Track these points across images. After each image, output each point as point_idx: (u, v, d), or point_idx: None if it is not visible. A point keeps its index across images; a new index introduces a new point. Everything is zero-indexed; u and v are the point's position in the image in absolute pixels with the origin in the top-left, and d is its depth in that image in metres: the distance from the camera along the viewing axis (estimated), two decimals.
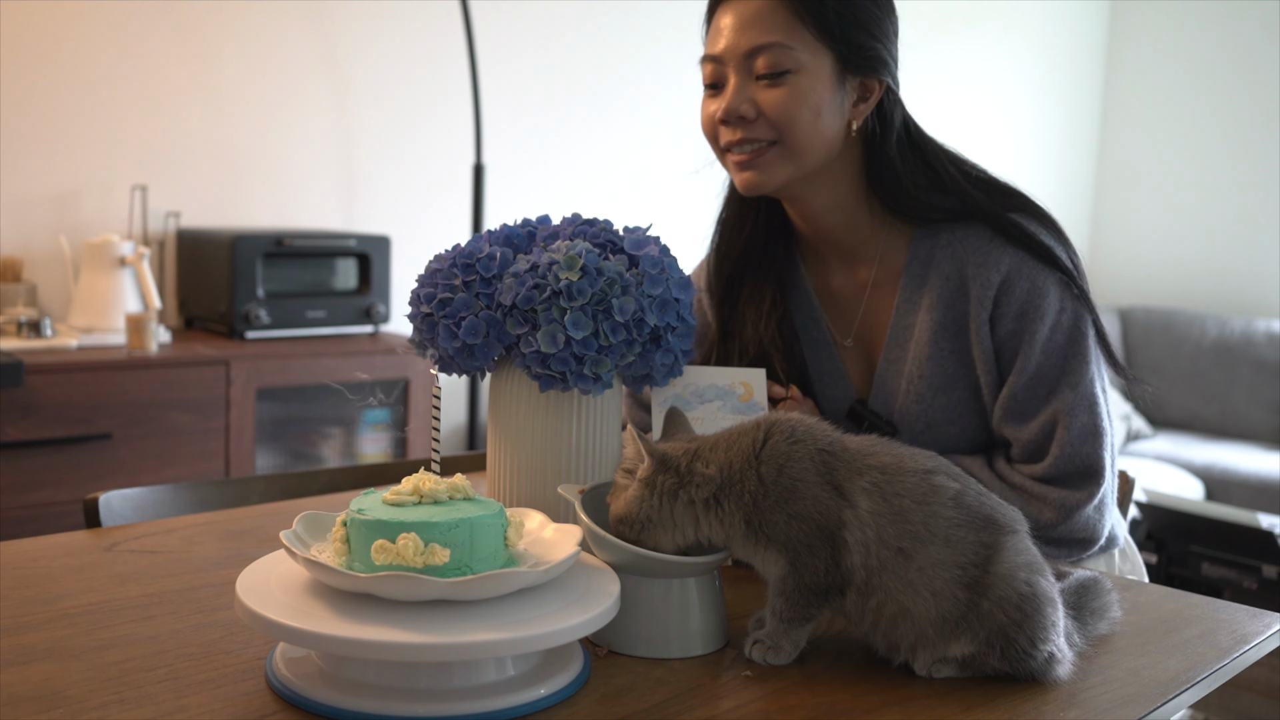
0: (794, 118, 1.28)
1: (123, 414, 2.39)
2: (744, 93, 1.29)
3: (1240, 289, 4.87)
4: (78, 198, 2.75)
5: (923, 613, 0.90)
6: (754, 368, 1.29)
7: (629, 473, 0.97)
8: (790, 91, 1.28)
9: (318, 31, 3.07)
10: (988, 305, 1.30)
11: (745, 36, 1.29)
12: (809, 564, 0.91)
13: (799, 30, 1.28)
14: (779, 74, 1.28)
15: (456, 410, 3.35)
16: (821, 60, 1.29)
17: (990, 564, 0.90)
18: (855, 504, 0.91)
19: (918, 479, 0.92)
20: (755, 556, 0.95)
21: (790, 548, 0.92)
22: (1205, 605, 1.14)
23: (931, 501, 0.91)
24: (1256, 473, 4.10)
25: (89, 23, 2.73)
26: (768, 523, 0.92)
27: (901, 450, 0.95)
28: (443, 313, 1.12)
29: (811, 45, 1.28)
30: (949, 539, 0.90)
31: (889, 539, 0.90)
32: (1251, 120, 4.81)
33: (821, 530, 0.91)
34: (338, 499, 1.42)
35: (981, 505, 0.93)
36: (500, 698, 0.83)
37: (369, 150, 3.20)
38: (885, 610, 0.91)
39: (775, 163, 1.30)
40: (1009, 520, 0.93)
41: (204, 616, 1.00)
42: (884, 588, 0.91)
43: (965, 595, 0.90)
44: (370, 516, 0.86)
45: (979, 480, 1.05)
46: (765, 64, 1.28)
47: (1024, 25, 4.88)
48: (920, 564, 0.90)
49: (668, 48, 3.68)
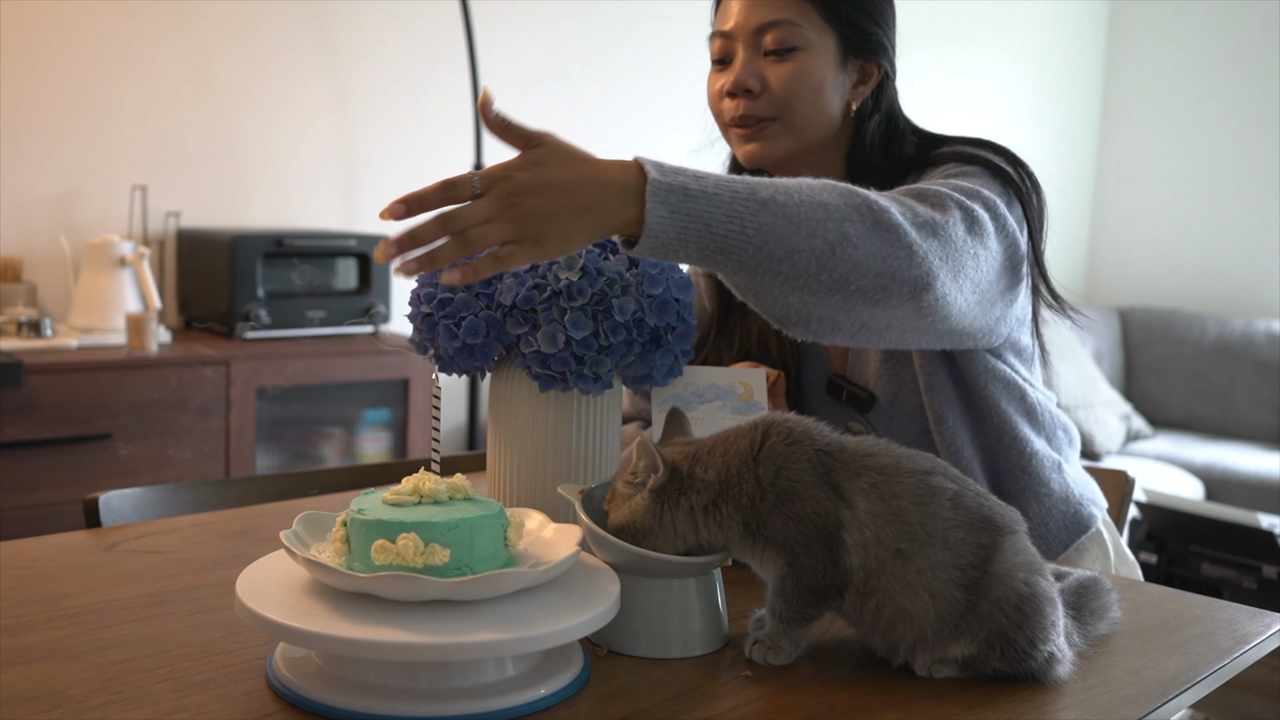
0: (798, 93, 1.33)
1: (123, 414, 2.39)
2: (751, 66, 1.34)
3: (1240, 289, 4.87)
4: (78, 198, 2.75)
5: (922, 614, 0.90)
6: (754, 368, 1.29)
7: (633, 484, 0.96)
8: (796, 68, 1.32)
9: (318, 31, 3.07)
10: None
11: (756, 13, 1.33)
12: (807, 565, 0.91)
13: (807, 10, 1.33)
14: (787, 50, 1.33)
15: (456, 410, 3.35)
16: (827, 41, 1.34)
17: (989, 565, 0.90)
18: (853, 505, 0.91)
19: (915, 480, 0.92)
20: (754, 558, 0.95)
21: (789, 549, 0.92)
22: (1205, 605, 1.14)
23: (930, 503, 0.91)
24: (1256, 473, 4.10)
25: (89, 23, 2.73)
26: (766, 524, 0.92)
27: (899, 451, 0.95)
28: (443, 313, 1.12)
29: (818, 25, 1.33)
30: (947, 540, 0.90)
31: (887, 540, 0.90)
32: (1251, 120, 4.81)
33: (820, 531, 0.91)
34: (338, 499, 1.42)
35: (980, 506, 0.93)
36: (500, 698, 0.83)
37: (369, 150, 3.20)
38: (884, 611, 0.91)
39: (777, 136, 1.34)
40: (1007, 521, 0.93)
41: (204, 616, 1.00)
42: (883, 589, 0.91)
43: (964, 596, 0.90)
44: (370, 516, 0.86)
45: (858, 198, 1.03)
46: (774, 40, 1.33)
47: (1024, 25, 4.88)
48: (919, 565, 0.90)
49: (668, 49, 3.68)
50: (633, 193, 0.93)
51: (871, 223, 1.02)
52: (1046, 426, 1.38)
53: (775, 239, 0.97)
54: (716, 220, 0.95)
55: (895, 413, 1.37)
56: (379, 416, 2.87)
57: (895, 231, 1.03)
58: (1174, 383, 4.73)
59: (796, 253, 0.98)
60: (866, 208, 1.02)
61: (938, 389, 1.34)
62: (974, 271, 1.13)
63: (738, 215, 0.95)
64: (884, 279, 1.03)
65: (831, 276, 1.00)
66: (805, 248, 0.98)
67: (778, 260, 0.98)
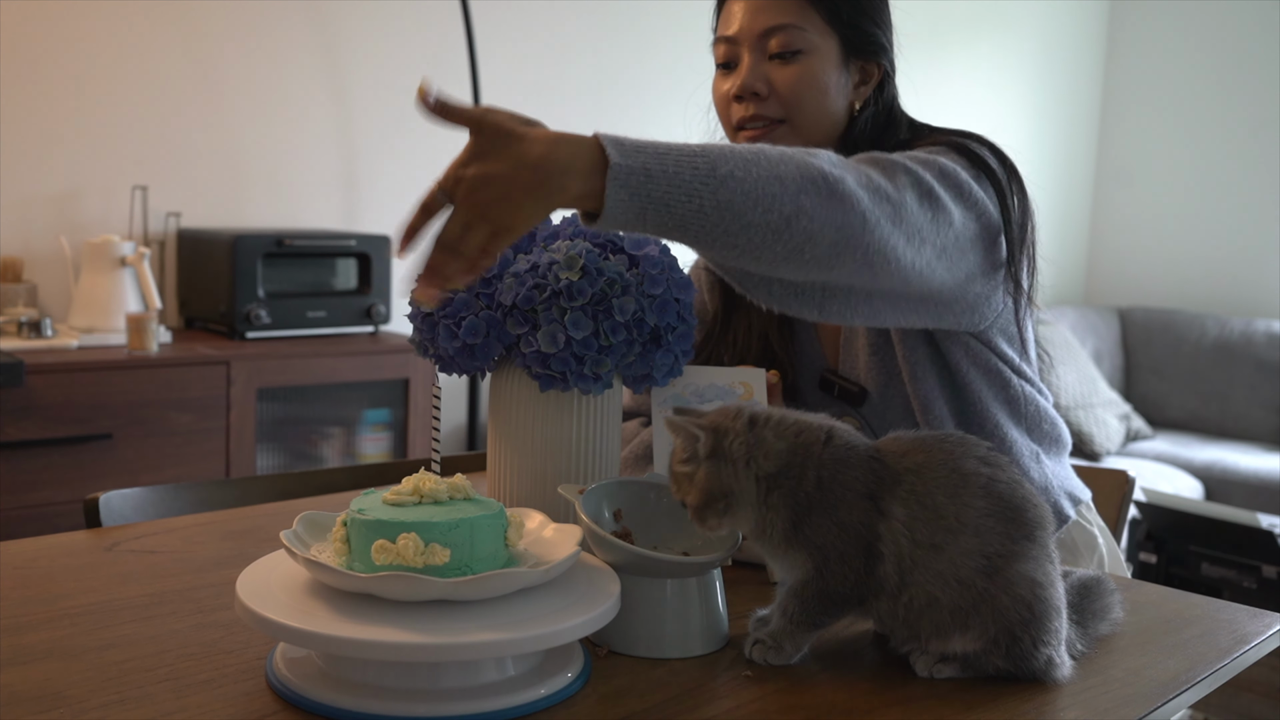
0: (804, 95, 1.36)
1: (123, 414, 2.39)
2: (758, 70, 1.37)
3: (1240, 289, 4.87)
4: (78, 198, 2.75)
5: (948, 601, 0.90)
6: (754, 367, 1.29)
7: (688, 462, 0.94)
8: (801, 70, 1.36)
9: (318, 31, 3.07)
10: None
11: (760, 18, 1.36)
12: (838, 572, 0.91)
13: (810, 14, 1.36)
14: (792, 53, 1.36)
15: (456, 410, 3.35)
16: (830, 43, 1.37)
17: (1013, 560, 0.90)
18: (891, 515, 0.91)
19: (947, 471, 0.91)
20: (783, 556, 0.93)
21: (823, 553, 0.91)
22: (1205, 605, 1.14)
23: (962, 492, 0.91)
24: (1256, 473, 4.10)
25: (89, 23, 2.73)
26: (811, 525, 0.91)
27: (928, 440, 0.94)
28: (443, 313, 1.12)
29: (821, 28, 1.36)
30: (978, 529, 0.90)
31: (922, 539, 0.90)
32: (1251, 120, 4.80)
33: (859, 540, 0.91)
34: (338, 499, 1.42)
35: (1013, 495, 0.92)
36: (500, 698, 0.83)
37: (369, 150, 3.20)
38: (915, 603, 0.91)
39: (784, 139, 1.37)
40: (1038, 518, 0.93)
41: (204, 616, 1.00)
42: (916, 583, 0.91)
43: (983, 584, 0.90)
44: (370, 516, 0.86)
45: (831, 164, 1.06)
46: (779, 44, 1.36)
47: (1024, 25, 4.88)
48: (951, 555, 0.90)
49: (668, 49, 3.68)
50: (593, 174, 0.94)
51: (826, 193, 1.03)
52: (1029, 418, 1.39)
53: (732, 215, 0.98)
54: (676, 201, 0.96)
55: (887, 405, 1.38)
56: (379, 416, 2.87)
57: (849, 200, 1.04)
58: (1174, 383, 4.73)
59: (752, 226, 1.00)
60: (822, 178, 1.03)
61: (921, 378, 1.35)
62: (933, 235, 1.14)
63: (696, 194, 0.97)
64: (837, 247, 1.05)
65: (786, 247, 1.02)
66: (761, 222, 1.00)
67: (734, 234, 1.00)
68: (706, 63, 1.43)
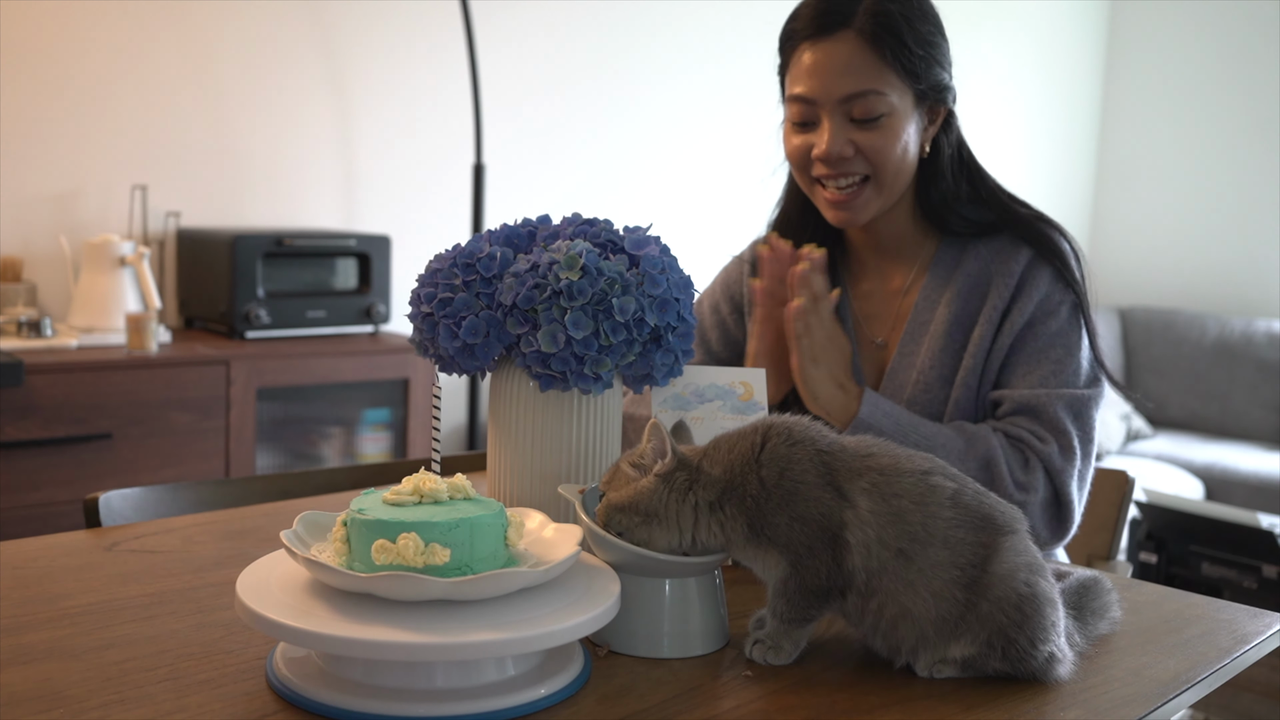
0: (889, 156, 1.39)
1: (123, 414, 2.39)
2: (841, 136, 1.38)
3: (1240, 289, 4.87)
4: (78, 198, 2.75)
5: (923, 614, 0.90)
6: (754, 368, 1.29)
7: (638, 465, 0.96)
8: (885, 134, 1.38)
9: (318, 31, 3.07)
10: (1005, 297, 1.39)
11: (840, 83, 1.37)
12: (811, 565, 0.91)
13: (888, 75, 1.37)
14: (875, 118, 1.37)
15: (456, 410, 3.35)
16: (906, 99, 1.39)
17: (989, 564, 0.90)
18: (856, 504, 0.91)
19: (915, 480, 0.92)
20: (756, 559, 0.94)
21: (792, 549, 0.92)
22: (1205, 605, 1.14)
23: (929, 502, 0.91)
24: (1256, 473, 4.10)
25: (88, 23, 2.73)
26: (770, 525, 0.92)
27: (898, 451, 0.95)
28: (443, 313, 1.11)
29: (899, 88, 1.38)
30: (948, 540, 0.90)
31: (889, 540, 0.90)
32: (1251, 120, 4.81)
33: (823, 532, 0.91)
34: (338, 499, 1.42)
35: (980, 505, 0.93)
36: (500, 698, 0.83)
37: (369, 150, 3.20)
38: (886, 612, 0.91)
39: (871, 200, 1.41)
40: (1008, 520, 0.93)
41: (204, 616, 1.00)
42: (885, 589, 0.91)
43: (965, 596, 0.90)
44: (370, 516, 0.86)
45: (983, 442, 1.29)
46: (861, 110, 1.37)
47: (1024, 24, 4.88)
48: (920, 565, 0.90)
49: (668, 47, 3.67)
50: (848, 411, 1.34)
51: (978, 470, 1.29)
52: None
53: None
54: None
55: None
56: (379, 416, 2.87)
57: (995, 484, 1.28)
58: (1174, 383, 4.73)
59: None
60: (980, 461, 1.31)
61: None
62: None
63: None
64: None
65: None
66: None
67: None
68: (707, 63, 1.43)
